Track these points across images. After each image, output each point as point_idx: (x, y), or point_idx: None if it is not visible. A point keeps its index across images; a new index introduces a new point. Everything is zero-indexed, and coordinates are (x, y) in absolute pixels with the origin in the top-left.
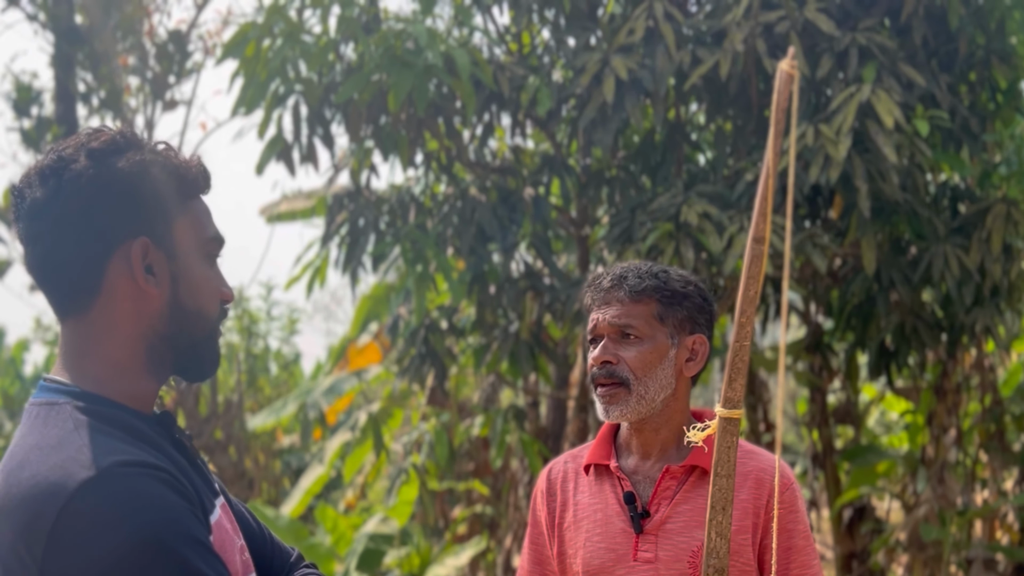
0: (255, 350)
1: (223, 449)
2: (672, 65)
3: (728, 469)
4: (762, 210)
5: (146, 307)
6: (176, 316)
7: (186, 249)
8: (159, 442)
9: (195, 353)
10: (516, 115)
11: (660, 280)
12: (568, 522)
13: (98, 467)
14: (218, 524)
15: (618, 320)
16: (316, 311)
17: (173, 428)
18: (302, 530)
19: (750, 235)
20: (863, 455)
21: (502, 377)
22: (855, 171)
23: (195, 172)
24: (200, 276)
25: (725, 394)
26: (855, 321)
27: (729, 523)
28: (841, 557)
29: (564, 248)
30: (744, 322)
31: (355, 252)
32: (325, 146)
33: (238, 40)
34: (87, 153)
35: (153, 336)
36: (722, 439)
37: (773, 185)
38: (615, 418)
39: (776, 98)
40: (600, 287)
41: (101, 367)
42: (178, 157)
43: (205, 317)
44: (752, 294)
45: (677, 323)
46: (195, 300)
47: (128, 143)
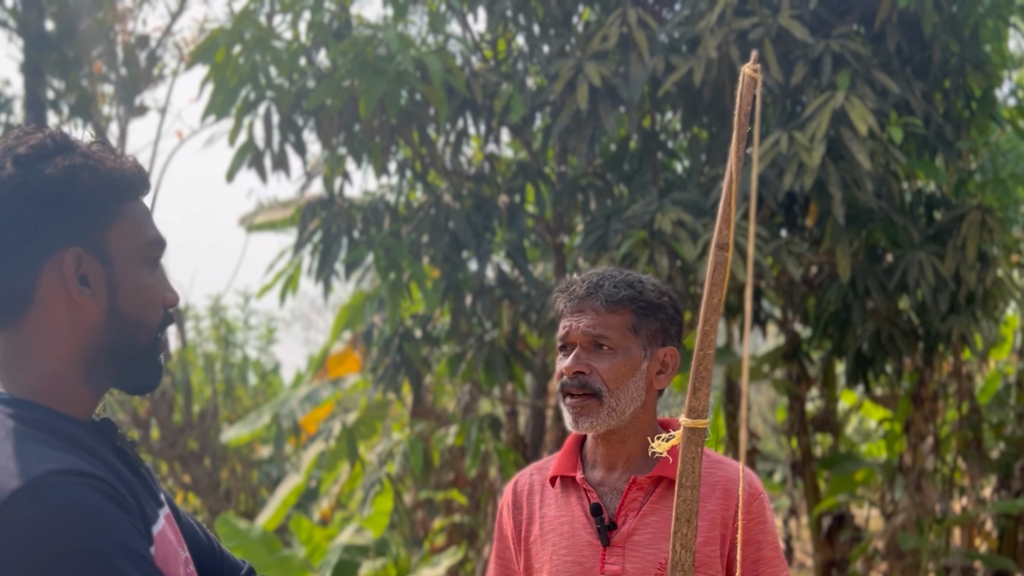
0: (232, 359)
1: (198, 460)
2: (646, 72)
3: (693, 480)
4: (725, 216)
5: (81, 318)
6: (114, 326)
7: (123, 256)
8: (97, 450)
9: (136, 363)
10: (490, 122)
11: (636, 290)
12: (534, 535)
13: (29, 476)
14: (161, 535)
15: (592, 330)
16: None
17: (114, 435)
18: (275, 542)
19: (713, 241)
20: (841, 463)
21: (479, 386)
22: (829, 178)
23: (130, 174)
24: (139, 283)
25: (689, 404)
26: (832, 329)
27: (694, 535)
28: (820, 565)
29: (541, 256)
30: (708, 330)
31: (328, 260)
32: (297, 153)
33: (207, 46)
34: (14, 159)
35: (90, 347)
36: (687, 450)
37: (737, 191)
38: (584, 429)
39: (739, 101)
40: (574, 294)
41: (35, 376)
42: (113, 159)
43: (146, 325)
44: (716, 302)
45: (650, 334)
46: (134, 308)
47: (58, 146)
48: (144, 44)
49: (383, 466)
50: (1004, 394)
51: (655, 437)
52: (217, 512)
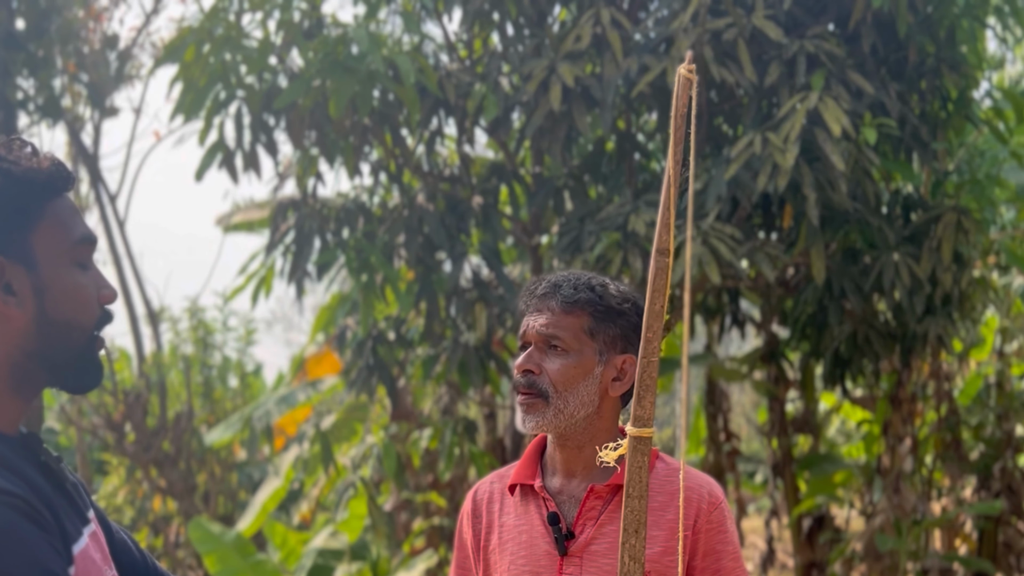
0: (211, 361)
1: (173, 463)
2: (620, 73)
3: (640, 490)
4: (664, 221)
5: (8, 327)
6: (45, 331)
7: (49, 258)
8: (20, 465)
9: (73, 365)
10: (463, 122)
11: (596, 294)
12: (493, 544)
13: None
14: (82, 554)
15: (545, 330)
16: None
17: (38, 450)
18: (248, 546)
19: (654, 247)
20: (821, 464)
21: (457, 389)
22: (803, 179)
23: (48, 172)
24: (69, 284)
25: (635, 412)
26: (809, 330)
27: (643, 546)
28: (801, 566)
29: (518, 258)
30: (651, 337)
31: (300, 262)
32: (268, 153)
33: (177, 44)
34: None
35: (18, 355)
36: (633, 459)
37: (677, 193)
38: (531, 429)
39: (675, 103)
40: (534, 294)
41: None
42: (28, 158)
43: (79, 327)
44: (658, 308)
45: (608, 340)
46: (65, 311)
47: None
48: (114, 44)
49: (357, 470)
50: (984, 395)
51: (600, 445)
52: (193, 515)
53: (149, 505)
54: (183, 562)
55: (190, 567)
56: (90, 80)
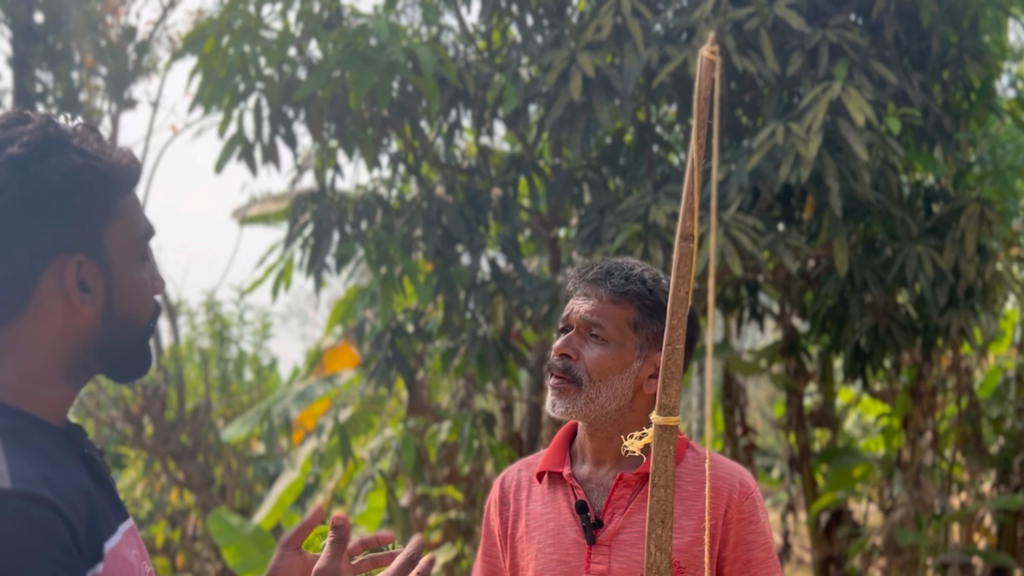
0: (227, 355)
1: (191, 456)
2: (640, 63)
3: (666, 480)
4: (688, 207)
5: (76, 322)
6: (109, 327)
7: (119, 254)
8: (63, 459)
9: (127, 357)
10: (483, 114)
11: (646, 287)
12: (520, 532)
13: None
14: (114, 552)
15: (589, 316)
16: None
17: (82, 442)
18: (267, 538)
19: (678, 232)
20: (839, 458)
21: (474, 382)
22: (826, 170)
23: (126, 168)
24: (135, 280)
25: (660, 400)
26: (829, 323)
27: (670, 537)
28: (819, 561)
29: (536, 250)
30: (675, 324)
31: (319, 254)
32: (287, 145)
33: (196, 36)
34: (8, 161)
35: (78, 347)
36: (659, 448)
37: (700, 179)
38: (560, 414)
39: (698, 85)
40: (584, 277)
41: (13, 377)
42: (108, 152)
43: (139, 322)
44: (683, 294)
45: (651, 336)
46: (129, 307)
47: (51, 144)
48: (131, 36)
49: (375, 463)
50: (1003, 389)
51: (628, 436)
52: (210, 508)
53: (167, 498)
54: (200, 554)
55: (207, 560)
56: (108, 73)
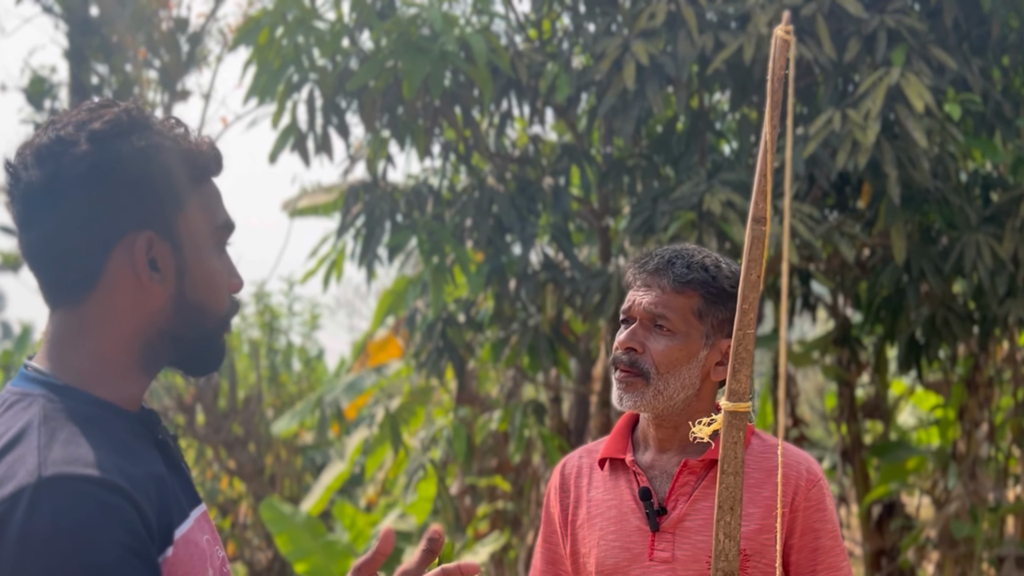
0: (276, 346)
1: (243, 445)
2: (694, 50)
3: (735, 466)
4: (761, 189)
5: (147, 303)
6: (180, 312)
7: (194, 240)
8: (136, 445)
9: (199, 349)
10: (534, 103)
11: (709, 274)
12: (581, 519)
13: (43, 475)
14: (185, 538)
15: (653, 308)
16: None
17: (156, 428)
18: (319, 527)
19: (750, 215)
20: (892, 451)
21: (523, 372)
22: (884, 157)
23: (206, 155)
24: (208, 269)
25: (729, 386)
26: (884, 313)
27: (738, 524)
28: (870, 554)
29: (586, 240)
30: (747, 308)
31: (371, 244)
32: (340, 136)
33: (250, 27)
34: (88, 135)
35: (152, 332)
36: (728, 434)
37: (773, 163)
38: (628, 407)
39: (771, 66)
40: (645, 268)
41: (87, 361)
42: (188, 138)
43: (213, 312)
44: (754, 278)
45: (716, 323)
46: (202, 295)
47: (133, 123)
48: (184, 28)
49: (426, 452)
50: None
51: (696, 422)
52: (262, 497)
53: (218, 487)
54: (251, 542)
55: (258, 548)
56: (160, 65)
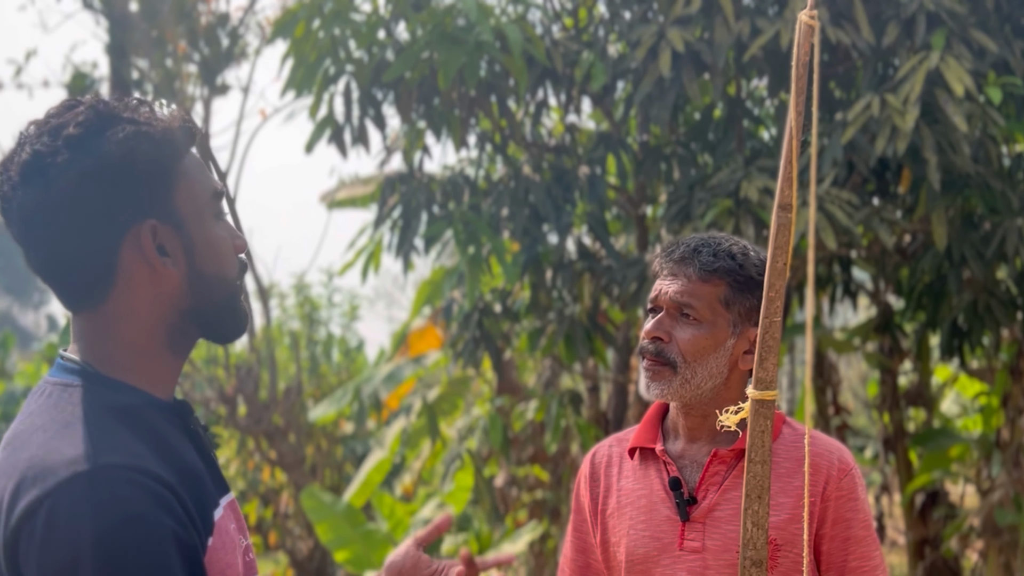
0: (317, 337)
1: (283, 435)
2: (731, 37)
3: (763, 455)
4: (787, 175)
5: (165, 288)
6: (196, 287)
7: (192, 215)
8: (170, 435)
9: (221, 317)
10: (570, 92)
11: (736, 262)
12: (611, 508)
13: (92, 464)
14: (219, 526)
15: (679, 297)
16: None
17: (189, 419)
18: (358, 516)
19: (775, 202)
20: (935, 438)
21: (560, 361)
22: (924, 142)
23: (181, 129)
24: (213, 238)
25: (757, 374)
26: (926, 300)
27: (766, 513)
28: (913, 543)
29: (623, 228)
30: (773, 296)
31: (407, 235)
32: (377, 127)
33: (287, 21)
34: (66, 142)
35: (174, 314)
36: (755, 423)
37: (799, 148)
38: (655, 396)
39: (796, 51)
40: (671, 256)
41: (120, 351)
42: (159, 118)
43: (226, 278)
44: (780, 266)
45: (743, 311)
46: (213, 264)
47: (102, 119)
48: (224, 22)
49: (463, 442)
50: None
51: (723, 410)
52: (302, 486)
53: (259, 477)
54: (292, 532)
55: (299, 537)
56: (200, 59)
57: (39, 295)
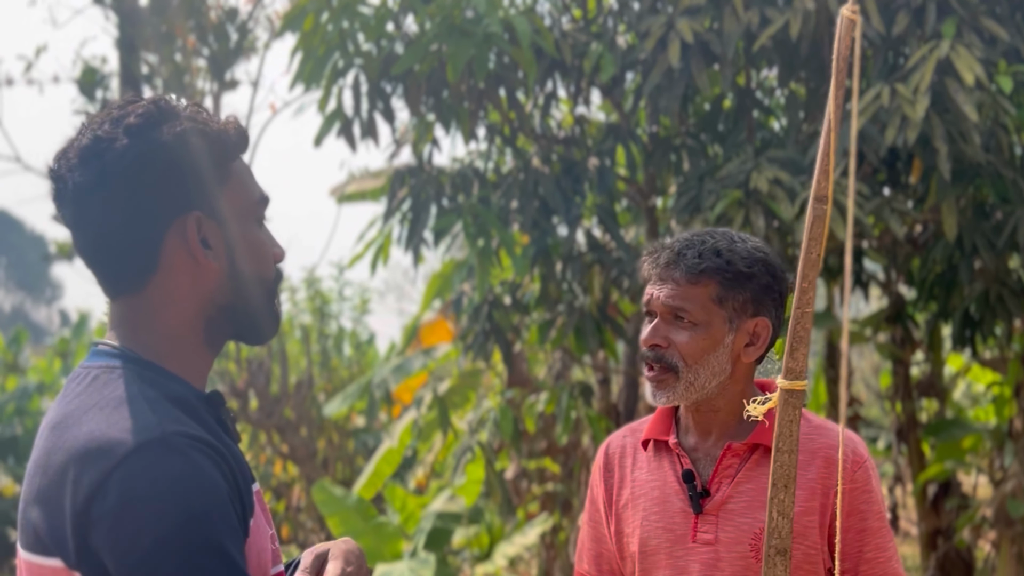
0: (327, 330)
1: (295, 429)
2: (740, 27)
3: (791, 445)
4: (824, 168)
5: (204, 280)
6: (235, 285)
7: (237, 215)
8: (209, 421)
9: (255, 318)
10: (579, 83)
11: (723, 259)
12: (625, 500)
13: (161, 431)
14: (255, 510)
15: (672, 302)
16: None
17: (221, 409)
18: (370, 509)
19: (812, 194)
20: (948, 429)
21: (571, 354)
22: (934, 132)
23: (234, 134)
24: (253, 240)
25: (787, 365)
26: (937, 290)
27: (792, 502)
28: (926, 534)
29: (633, 220)
30: (806, 287)
31: (417, 228)
32: (386, 120)
33: (295, 14)
34: (125, 130)
35: (212, 308)
36: (784, 413)
37: (836, 142)
38: (663, 403)
39: (837, 46)
40: (657, 262)
41: (158, 339)
42: (214, 121)
43: (264, 281)
44: (814, 257)
45: (738, 306)
46: (252, 266)
47: (163, 113)
48: (233, 17)
49: (474, 434)
50: None
51: (750, 400)
52: (314, 480)
53: (272, 470)
54: (304, 525)
55: (312, 531)
56: (209, 54)
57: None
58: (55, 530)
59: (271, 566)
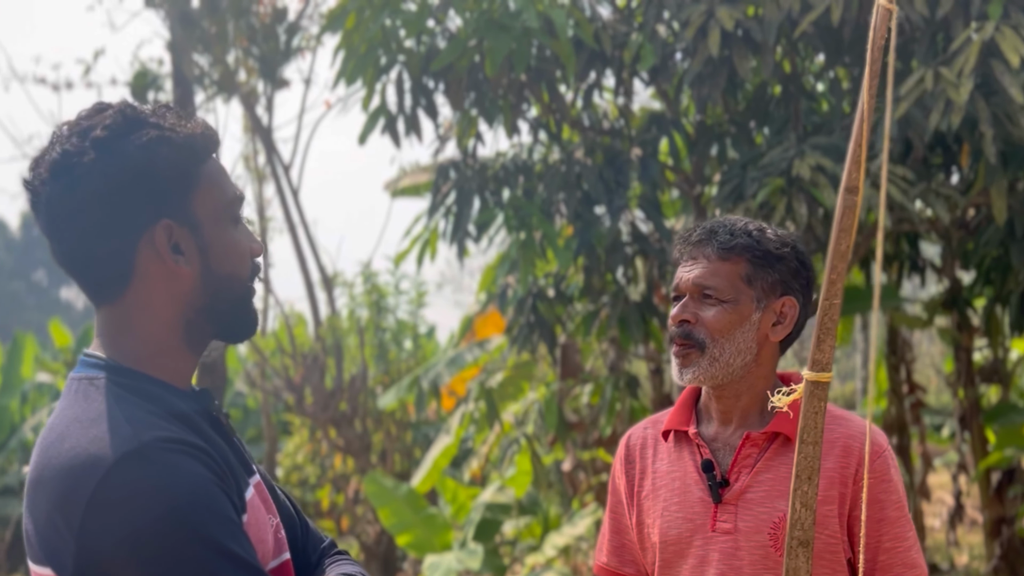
0: (385, 324)
1: (349, 422)
2: (781, 13)
3: (815, 436)
4: (855, 158)
5: (180, 286)
6: (210, 286)
7: (209, 218)
8: (194, 420)
9: (232, 316)
10: (620, 73)
11: (753, 239)
12: (647, 490)
13: (138, 441)
14: (251, 502)
15: (701, 280)
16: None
17: (210, 405)
18: (419, 501)
19: (842, 184)
20: (1010, 415)
21: (619, 345)
22: (980, 115)
23: (202, 137)
24: (227, 241)
25: (813, 356)
26: (993, 274)
27: (815, 493)
28: (990, 522)
29: (681, 209)
30: (835, 279)
31: (461, 222)
32: (428, 116)
33: (338, 13)
34: (92, 143)
35: (190, 311)
36: (809, 404)
37: (869, 130)
38: (688, 381)
39: (872, 35)
40: (688, 241)
41: (139, 344)
42: (183, 124)
43: (238, 279)
44: (844, 248)
45: (767, 286)
46: (226, 266)
47: (129, 122)
48: (282, 17)
49: (521, 426)
50: None
51: (774, 391)
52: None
53: (330, 463)
54: (362, 517)
55: (368, 522)
56: (261, 53)
57: None
58: (46, 541)
59: (272, 557)
